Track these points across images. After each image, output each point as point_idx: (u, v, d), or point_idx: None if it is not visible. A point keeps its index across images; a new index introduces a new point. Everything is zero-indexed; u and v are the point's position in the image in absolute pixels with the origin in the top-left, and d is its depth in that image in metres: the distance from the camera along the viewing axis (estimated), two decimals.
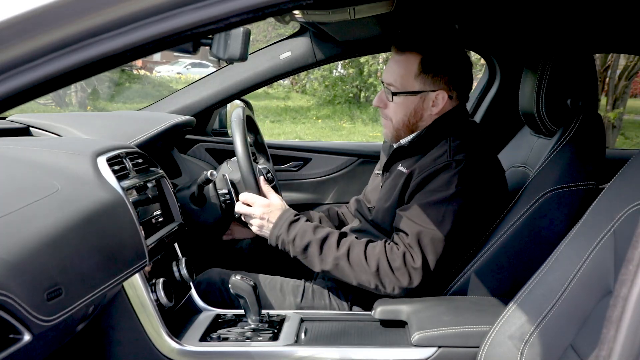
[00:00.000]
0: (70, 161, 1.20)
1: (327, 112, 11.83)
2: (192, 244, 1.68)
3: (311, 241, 1.43)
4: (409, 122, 1.55)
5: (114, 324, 1.33)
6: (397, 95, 1.53)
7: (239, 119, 1.55)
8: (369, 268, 1.39)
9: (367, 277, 1.40)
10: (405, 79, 1.51)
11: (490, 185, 1.48)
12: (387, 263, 1.39)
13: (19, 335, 0.82)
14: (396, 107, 1.54)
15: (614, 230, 1.07)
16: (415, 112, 1.53)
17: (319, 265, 1.44)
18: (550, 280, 1.16)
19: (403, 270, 1.38)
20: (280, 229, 1.47)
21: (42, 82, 0.58)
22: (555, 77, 1.47)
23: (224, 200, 1.64)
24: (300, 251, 1.45)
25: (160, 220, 1.42)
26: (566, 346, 1.09)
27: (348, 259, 1.41)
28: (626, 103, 7.03)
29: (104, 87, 11.65)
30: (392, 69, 1.54)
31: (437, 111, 1.52)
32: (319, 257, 1.43)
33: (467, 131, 1.51)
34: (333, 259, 1.42)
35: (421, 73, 1.50)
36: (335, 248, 1.43)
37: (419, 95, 1.51)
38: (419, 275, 1.38)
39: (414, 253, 1.38)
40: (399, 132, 1.57)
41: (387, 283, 1.39)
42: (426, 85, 1.51)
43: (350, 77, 12.43)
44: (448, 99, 1.52)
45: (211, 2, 0.58)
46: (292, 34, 2.23)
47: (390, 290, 1.40)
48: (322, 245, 1.43)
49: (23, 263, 0.83)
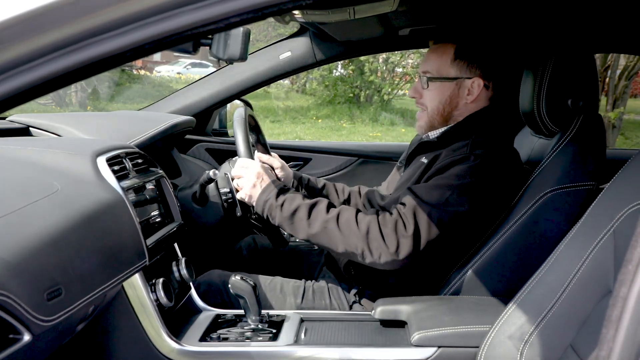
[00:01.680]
0: (70, 161, 1.20)
1: (327, 112, 11.83)
2: (192, 244, 1.68)
3: (300, 205, 1.40)
4: (444, 111, 1.55)
5: (114, 324, 1.33)
6: (432, 81, 1.54)
7: (241, 117, 1.55)
8: (359, 231, 1.35)
9: (355, 241, 1.35)
10: (441, 66, 1.53)
11: (504, 185, 1.46)
12: (377, 227, 1.35)
13: (19, 336, 0.83)
14: (432, 94, 1.55)
15: (614, 230, 1.07)
16: (451, 99, 1.54)
17: (306, 229, 1.39)
18: (550, 280, 1.16)
19: (392, 236, 1.34)
20: (269, 194, 1.44)
21: (42, 82, 0.58)
22: (556, 77, 1.47)
23: (226, 199, 1.64)
24: (287, 216, 1.40)
25: (160, 221, 1.42)
26: (566, 346, 1.09)
27: (337, 222, 1.37)
28: (626, 103, 7.03)
29: (104, 87, 11.64)
30: (428, 58, 1.56)
31: (472, 99, 1.52)
32: (307, 221, 1.39)
33: (493, 131, 1.51)
34: (322, 222, 1.38)
35: (456, 59, 1.51)
36: (325, 212, 1.39)
37: (455, 82, 1.52)
38: (407, 246, 1.33)
39: (406, 222, 1.35)
40: (433, 121, 1.57)
41: (374, 248, 1.34)
42: (462, 72, 1.52)
43: (351, 77, 12.42)
44: (484, 89, 1.52)
45: (211, 2, 0.58)
46: (292, 34, 2.23)
47: (377, 257, 1.34)
48: (311, 210, 1.40)
49: (23, 263, 0.83)
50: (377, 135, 9.56)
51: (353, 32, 2.03)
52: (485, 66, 1.52)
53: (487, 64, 1.52)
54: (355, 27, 1.92)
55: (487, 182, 1.40)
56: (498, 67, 1.54)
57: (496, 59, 1.54)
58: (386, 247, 1.34)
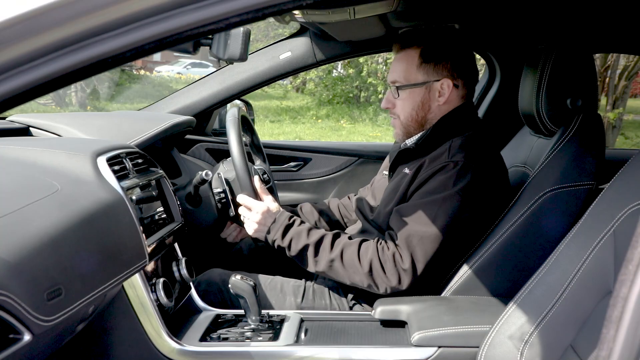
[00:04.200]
0: (70, 161, 1.20)
1: (326, 112, 11.83)
2: (192, 244, 1.68)
3: (306, 245, 1.45)
4: (417, 116, 1.55)
5: (114, 324, 1.33)
6: (402, 89, 1.54)
7: (234, 118, 1.55)
8: (362, 269, 1.41)
9: (360, 278, 1.42)
10: (408, 73, 1.53)
11: (490, 185, 1.47)
12: (379, 264, 1.41)
13: (19, 336, 0.82)
14: (403, 103, 1.55)
15: (614, 230, 1.07)
16: (423, 104, 1.54)
17: (313, 267, 1.47)
18: (550, 280, 1.16)
19: (393, 271, 1.40)
20: (276, 234, 1.49)
21: (42, 82, 0.58)
22: (555, 77, 1.47)
23: (219, 200, 1.65)
24: (295, 255, 1.48)
25: (160, 221, 1.42)
26: (566, 346, 1.09)
27: (342, 260, 1.43)
28: (626, 103, 7.03)
29: (104, 87, 11.64)
30: (394, 67, 1.56)
31: (444, 100, 1.52)
32: (314, 260, 1.46)
33: (470, 131, 1.51)
34: (327, 261, 1.44)
35: (422, 63, 1.51)
36: (329, 250, 1.44)
37: (424, 86, 1.52)
38: (408, 277, 1.40)
39: (402, 254, 1.40)
40: (408, 128, 1.57)
41: (379, 283, 1.41)
42: (429, 75, 1.52)
43: (350, 78, 12.42)
44: (454, 88, 1.52)
45: (211, 2, 0.58)
46: (292, 34, 2.23)
47: (383, 291, 1.42)
48: (317, 248, 1.45)
49: (23, 263, 0.83)
50: (377, 135, 9.56)
51: (353, 32, 2.03)
52: (452, 66, 1.52)
53: (454, 63, 1.52)
54: (356, 27, 1.92)
55: (470, 186, 1.42)
56: (466, 64, 1.54)
57: (462, 56, 1.54)
58: (389, 280, 1.41)
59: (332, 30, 1.99)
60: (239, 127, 1.55)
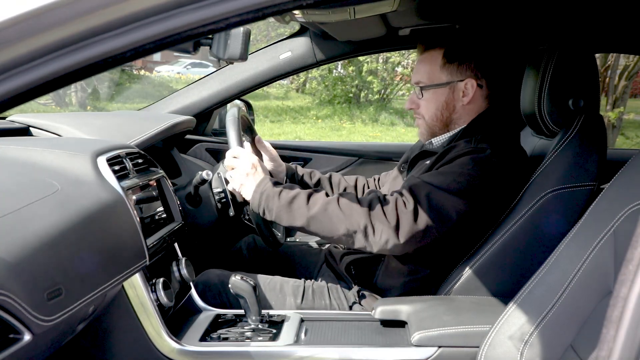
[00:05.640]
0: (70, 161, 1.20)
1: (327, 112, 11.83)
2: (192, 244, 1.68)
3: (299, 192, 1.39)
4: (442, 116, 1.55)
5: (114, 324, 1.33)
6: (425, 89, 1.54)
7: (234, 118, 1.55)
8: (361, 208, 1.34)
9: (357, 218, 1.33)
10: (432, 73, 1.53)
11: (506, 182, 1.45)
12: (379, 203, 1.35)
13: (19, 335, 0.83)
14: (427, 103, 1.55)
15: (614, 230, 1.07)
16: (447, 104, 1.54)
17: (305, 214, 1.36)
18: (550, 280, 1.16)
19: (393, 213, 1.34)
20: (265, 185, 1.42)
21: (42, 82, 0.58)
22: (557, 77, 1.47)
23: (219, 200, 1.65)
24: (285, 203, 1.38)
25: (160, 221, 1.42)
26: (566, 346, 1.09)
27: (338, 203, 1.36)
28: (626, 103, 7.03)
29: (104, 87, 11.64)
30: (418, 68, 1.56)
31: (468, 100, 1.52)
32: (306, 206, 1.36)
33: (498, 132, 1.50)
34: (322, 204, 1.36)
35: (446, 64, 1.51)
36: (324, 196, 1.39)
37: (448, 86, 1.52)
38: (408, 222, 1.33)
39: (406, 200, 1.35)
40: (433, 128, 1.57)
41: (376, 224, 1.33)
42: (453, 75, 1.52)
43: (350, 77, 12.42)
44: (478, 88, 1.52)
45: (211, 2, 0.58)
46: (292, 34, 2.23)
47: (378, 236, 1.33)
48: (310, 196, 1.39)
49: (23, 263, 0.83)
50: (377, 135, 9.56)
51: (353, 32, 2.03)
52: (475, 66, 1.52)
53: (478, 63, 1.52)
54: (356, 27, 1.92)
55: (490, 176, 1.40)
56: (489, 64, 1.54)
57: (486, 56, 1.54)
58: (387, 222, 1.33)
59: (332, 30, 1.99)
60: (239, 127, 1.55)
